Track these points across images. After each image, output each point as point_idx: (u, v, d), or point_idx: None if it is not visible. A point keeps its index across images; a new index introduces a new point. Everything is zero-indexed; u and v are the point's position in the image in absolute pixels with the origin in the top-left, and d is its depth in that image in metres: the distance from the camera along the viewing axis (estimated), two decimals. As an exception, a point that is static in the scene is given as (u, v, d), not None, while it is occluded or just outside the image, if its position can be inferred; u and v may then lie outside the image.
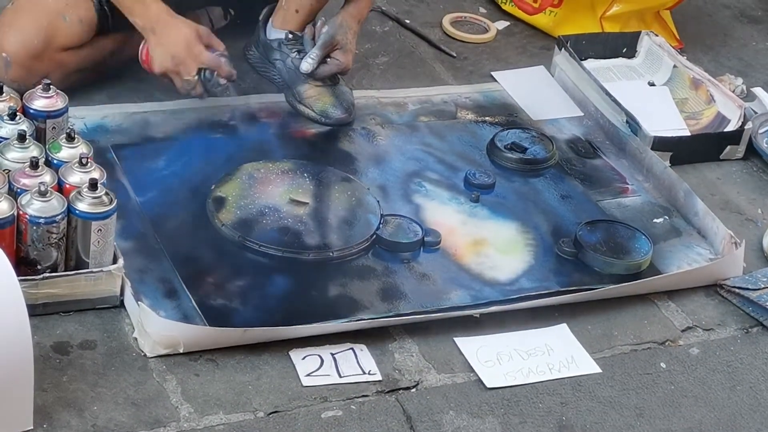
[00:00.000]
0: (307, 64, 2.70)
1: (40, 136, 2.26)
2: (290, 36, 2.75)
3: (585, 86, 2.94)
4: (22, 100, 2.31)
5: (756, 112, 2.94)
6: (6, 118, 2.23)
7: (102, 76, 2.66)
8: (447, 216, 2.52)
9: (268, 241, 2.33)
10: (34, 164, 2.11)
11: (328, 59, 2.71)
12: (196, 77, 2.55)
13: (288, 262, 2.32)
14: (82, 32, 2.57)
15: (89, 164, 2.16)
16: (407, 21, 3.21)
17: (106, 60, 2.66)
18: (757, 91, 3.05)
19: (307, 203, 2.44)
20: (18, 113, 2.24)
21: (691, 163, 2.82)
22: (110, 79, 2.68)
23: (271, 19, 2.81)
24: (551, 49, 3.09)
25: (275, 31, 2.79)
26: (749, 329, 2.39)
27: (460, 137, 2.77)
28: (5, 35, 2.51)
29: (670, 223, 2.62)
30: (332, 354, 2.15)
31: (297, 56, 2.73)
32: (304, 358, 2.13)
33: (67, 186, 2.13)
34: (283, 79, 2.77)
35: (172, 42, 2.53)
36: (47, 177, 2.12)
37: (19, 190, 2.10)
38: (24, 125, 2.22)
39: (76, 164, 2.14)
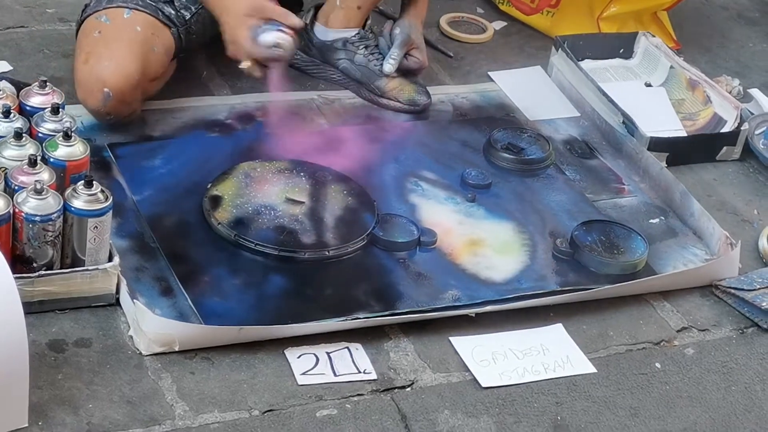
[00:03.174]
0: (390, 66, 2.80)
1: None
2: (356, 34, 2.82)
3: (582, 87, 2.94)
4: (18, 98, 2.32)
5: (752, 113, 2.95)
6: (0, 116, 2.23)
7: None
8: (443, 216, 2.52)
9: (264, 240, 2.33)
10: (32, 162, 2.11)
11: (408, 57, 2.81)
12: (248, 65, 2.54)
13: (284, 260, 2.32)
14: (165, 62, 2.59)
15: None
16: (405, 21, 3.21)
17: (167, 82, 2.70)
18: (754, 92, 3.05)
19: (303, 202, 2.44)
20: (12, 111, 2.24)
21: (688, 163, 2.82)
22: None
23: (321, 21, 2.84)
24: (548, 49, 3.09)
25: (334, 32, 2.83)
26: (744, 330, 2.39)
27: (457, 137, 2.77)
28: (106, 69, 2.45)
29: (666, 223, 2.62)
30: (327, 353, 2.15)
31: (366, 52, 2.81)
32: (299, 357, 2.13)
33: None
34: (352, 77, 2.84)
35: (227, 31, 2.55)
36: (45, 175, 2.12)
37: (17, 187, 2.10)
38: (18, 123, 2.22)
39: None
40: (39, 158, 2.13)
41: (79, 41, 2.57)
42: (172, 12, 2.60)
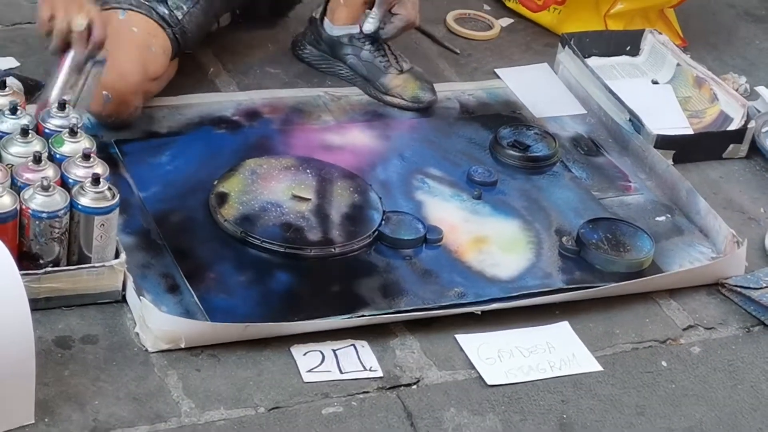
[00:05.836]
0: (369, 24, 2.76)
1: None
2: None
3: (588, 84, 2.94)
4: (25, 95, 2.32)
5: (759, 111, 2.94)
6: (7, 112, 2.23)
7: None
8: (449, 213, 2.52)
9: (270, 237, 2.33)
10: (37, 159, 2.12)
11: (392, 17, 2.76)
12: (82, 24, 2.29)
13: (290, 258, 2.32)
14: (165, 62, 2.59)
15: (93, 159, 2.16)
16: (411, 18, 3.20)
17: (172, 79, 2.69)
18: (761, 89, 3.05)
19: (310, 199, 2.44)
20: (19, 108, 2.24)
21: (694, 161, 2.82)
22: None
23: (329, 17, 2.85)
24: (555, 46, 3.09)
25: (338, 28, 2.83)
26: (751, 328, 2.39)
27: (463, 134, 2.77)
28: (104, 72, 2.42)
29: (672, 221, 2.62)
30: (333, 350, 2.15)
31: (372, 48, 2.80)
32: (305, 354, 2.13)
33: (72, 180, 2.14)
34: (359, 73, 2.84)
35: None
36: (50, 171, 2.12)
37: (22, 184, 2.10)
38: (25, 119, 2.23)
39: (80, 158, 2.15)
40: (45, 155, 2.13)
41: None
42: (166, 12, 2.59)
